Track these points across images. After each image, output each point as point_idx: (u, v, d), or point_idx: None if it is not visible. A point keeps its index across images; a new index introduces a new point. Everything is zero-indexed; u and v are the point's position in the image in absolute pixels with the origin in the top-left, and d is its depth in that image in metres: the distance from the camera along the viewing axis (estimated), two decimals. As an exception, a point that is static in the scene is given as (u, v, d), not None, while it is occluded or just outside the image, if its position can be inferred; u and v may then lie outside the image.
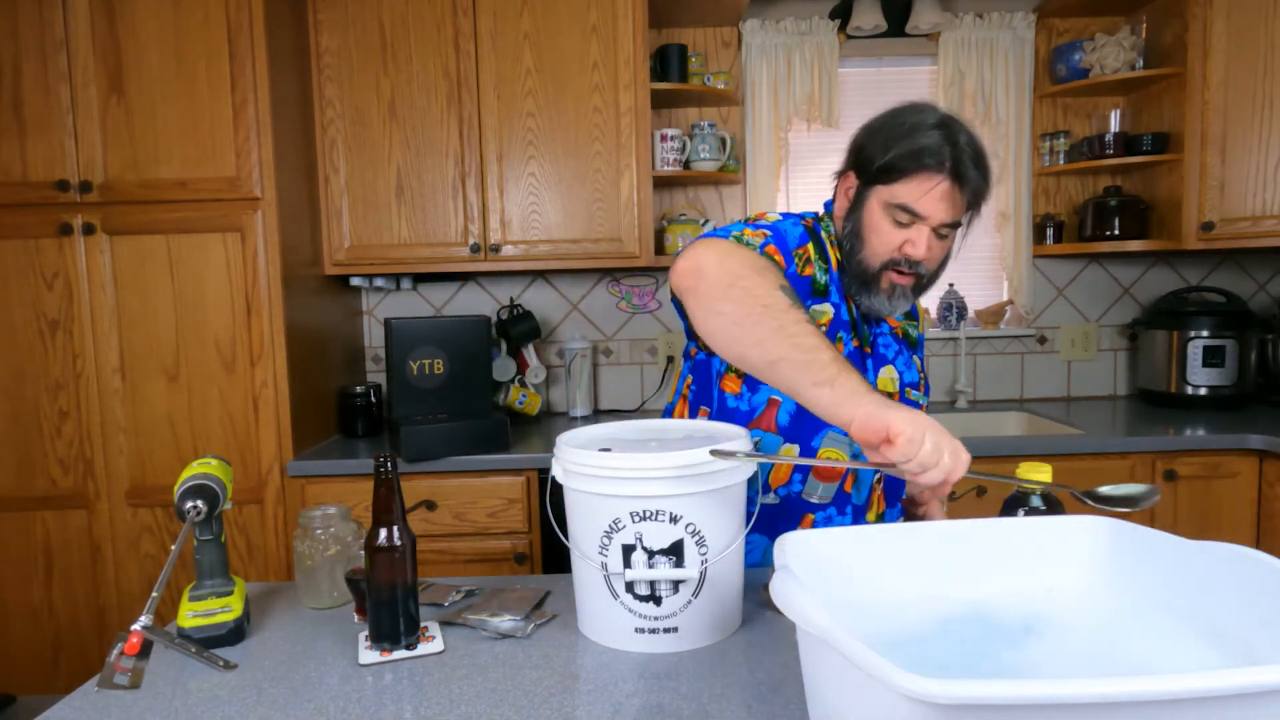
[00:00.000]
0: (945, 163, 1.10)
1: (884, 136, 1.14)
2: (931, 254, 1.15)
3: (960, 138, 1.11)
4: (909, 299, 1.19)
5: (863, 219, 1.17)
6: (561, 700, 0.86)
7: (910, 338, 1.32)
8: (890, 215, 1.14)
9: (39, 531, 2.15)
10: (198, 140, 2.07)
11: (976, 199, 1.14)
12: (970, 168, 1.11)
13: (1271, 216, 2.34)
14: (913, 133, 1.11)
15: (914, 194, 1.11)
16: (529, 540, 2.15)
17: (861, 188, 1.18)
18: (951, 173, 1.10)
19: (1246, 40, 2.30)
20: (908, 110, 1.16)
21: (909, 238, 1.14)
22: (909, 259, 1.15)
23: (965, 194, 1.12)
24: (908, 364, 1.30)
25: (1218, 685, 0.48)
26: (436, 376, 2.28)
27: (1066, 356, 2.81)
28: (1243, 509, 2.16)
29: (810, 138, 2.75)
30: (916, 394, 1.30)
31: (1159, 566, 0.77)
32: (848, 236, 1.20)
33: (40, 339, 2.11)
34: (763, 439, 1.21)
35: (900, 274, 1.16)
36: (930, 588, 0.81)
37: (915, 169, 1.11)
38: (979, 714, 0.49)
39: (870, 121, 1.19)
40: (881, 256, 1.16)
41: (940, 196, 1.11)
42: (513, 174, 2.37)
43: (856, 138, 1.20)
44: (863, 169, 1.17)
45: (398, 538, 0.98)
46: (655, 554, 0.95)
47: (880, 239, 1.15)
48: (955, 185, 1.11)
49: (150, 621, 0.85)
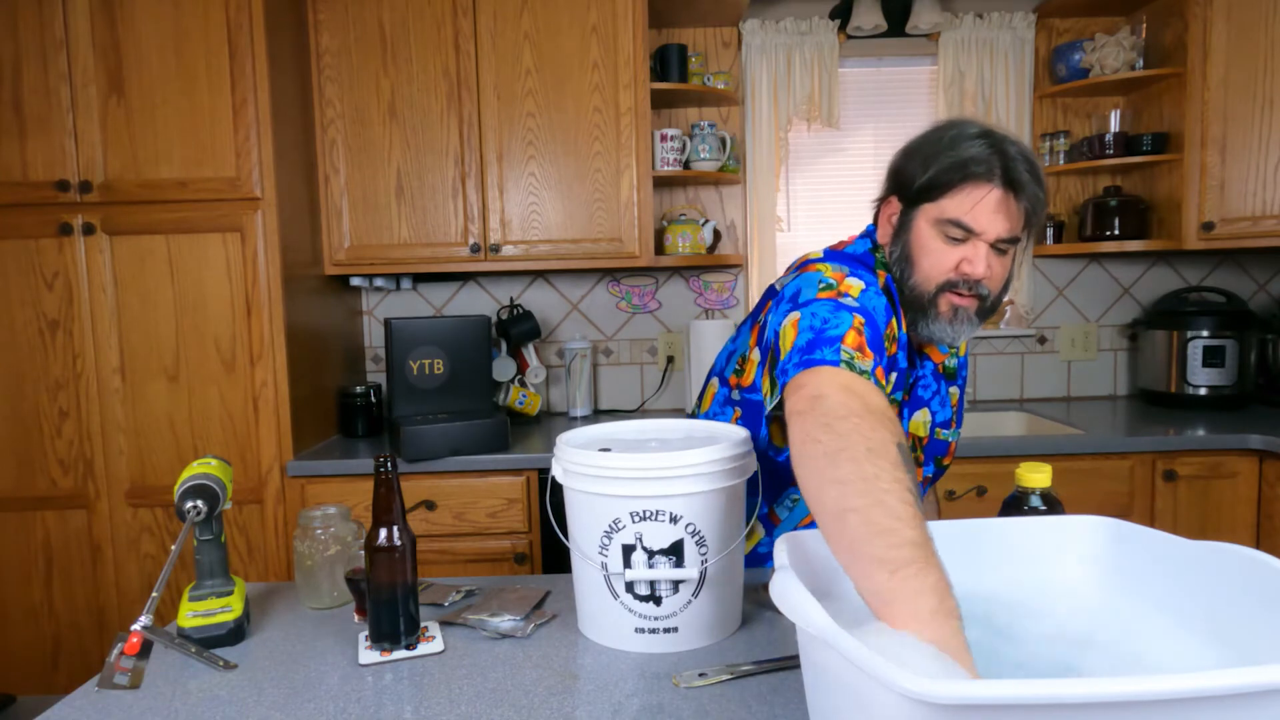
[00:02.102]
0: (995, 171, 1.03)
1: (924, 154, 1.08)
2: (992, 272, 1.07)
3: (1009, 147, 1.05)
4: (974, 323, 1.11)
5: (911, 241, 1.10)
6: (561, 700, 0.86)
7: (949, 370, 1.25)
8: (941, 233, 1.07)
9: (39, 531, 2.15)
10: (198, 140, 2.07)
11: (1034, 209, 1.06)
12: (1023, 174, 1.04)
13: (1271, 216, 2.34)
14: (955, 145, 1.05)
15: (964, 207, 1.05)
16: (529, 540, 2.15)
17: (906, 210, 1.11)
18: (1003, 181, 1.04)
19: (1246, 40, 2.30)
20: (945, 125, 1.10)
21: (965, 255, 1.06)
22: (967, 279, 1.07)
23: (1021, 204, 1.05)
24: (943, 402, 1.25)
25: (1218, 685, 0.48)
26: (436, 376, 2.28)
27: (1066, 356, 2.81)
28: (1243, 509, 2.16)
29: (810, 138, 2.75)
30: (947, 432, 1.25)
31: (1158, 566, 0.77)
32: (896, 262, 1.12)
33: (40, 339, 2.11)
34: (800, 497, 1.19)
35: (960, 296, 1.08)
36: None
37: (962, 180, 1.04)
38: (979, 714, 0.49)
39: (907, 144, 1.13)
40: (935, 279, 1.09)
41: (994, 208, 1.04)
42: (513, 174, 2.37)
43: (894, 162, 1.14)
44: (904, 190, 1.11)
45: (398, 538, 0.98)
46: (655, 554, 0.95)
47: (932, 260, 1.08)
48: (1009, 195, 1.04)
49: (150, 621, 0.85)
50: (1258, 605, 0.67)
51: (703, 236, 2.59)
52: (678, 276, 2.78)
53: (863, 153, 2.75)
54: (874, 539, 0.69)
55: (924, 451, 1.25)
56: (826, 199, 2.78)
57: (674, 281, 2.79)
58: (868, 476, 0.73)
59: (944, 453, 1.27)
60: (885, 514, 0.70)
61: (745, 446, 1.00)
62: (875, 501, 0.71)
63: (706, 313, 2.80)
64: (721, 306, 2.80)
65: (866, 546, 0.69)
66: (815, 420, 0.81)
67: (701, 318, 2.79)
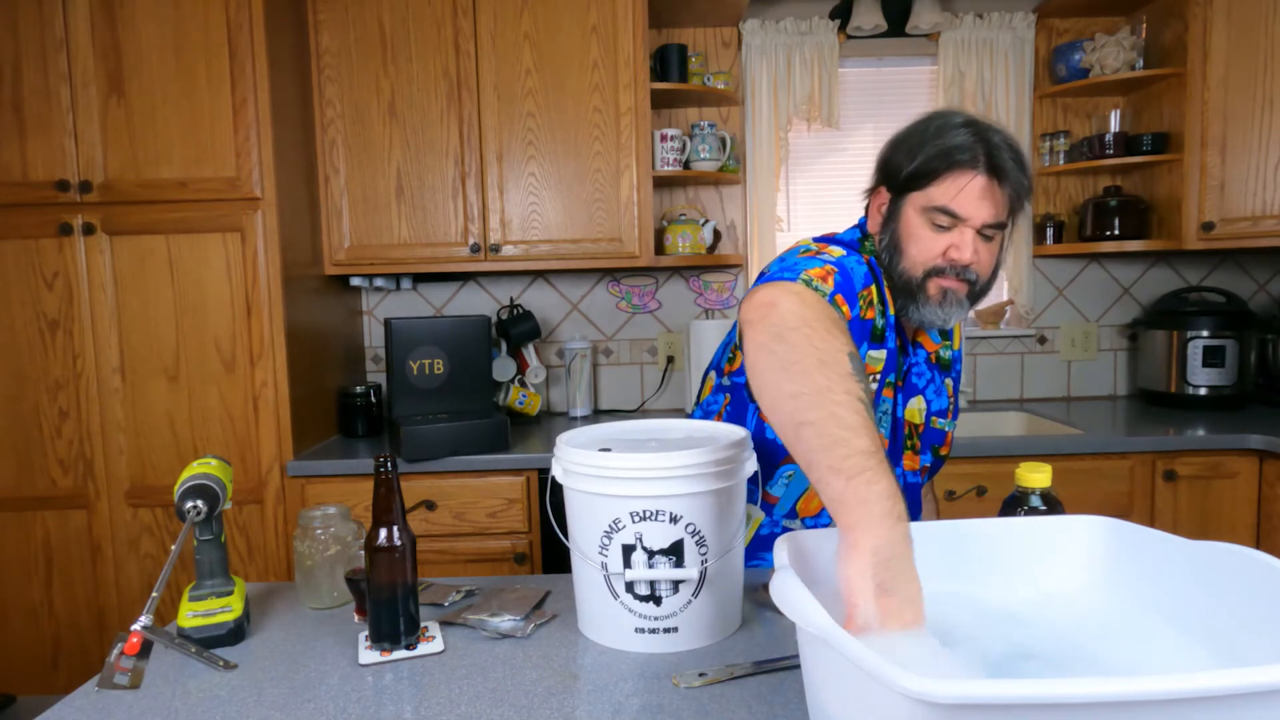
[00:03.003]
0: (979, 158, 1.06)
1: (910, 144, 1.11)
2: (980, 258, 1.10)
3: (993, 135, 1.07)
4: (964, 307, 1.13)
5: (899, 229, 1.13)
6: (561, 700, 0.86)
7: (944, 360, 1.27)
8: (928, 220, 1.10)
9: (39, 531, 2.15)
10: (198, 140, 2.07)
11: (1019, 195, 1.09)
12: (1007, 161, 1.07)
13: (1271, 216, 2.34)
14: (940, 134, 1.08)
15: (950, 193, 1.07)
16: (529, 540, 2.15)
17: (894, 199, 1.14)
18: (987, 168, 1.06)
19: (1246, 40, 2.30)
20: (932, 116, 1.12)
21: (952, 241, 1.09)
22: (955, 264, 1.09)
23: (1006, 190, 1.08)
24: (938, 390, 1.26)
25: (1217, 685, 0.48)
26: (436, 376, 2.28)
27: (1066, 356, 2.81)
28: (1243, 509, 2.16)
29: (810, 138, 2.75)
30: (943, 421, 1.27)
31: (1158, 566, 0.77)
32: (885, 249, 1.15)
33: (40, 339, 2.11)
34: (795, 473, 1.20)
35: (948, 280, 1.11)
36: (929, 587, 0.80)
37: (948, 168, 1.07)
38: (979, 714, 0.49)
39: (894, 135, 1.16)
40: (923, 264, 1.11)
41: (979, 194, 1.07)
42: (513, 174, 2.37)
43: (882, 153, 1.17)
44: (892, 180, 1.14)
45: (398, 538, 0.98)
46: (655, 554, 0.95)
47: (920, 246, 1.11)
48: (993, 181, 1.07)
49: (150, 621, 0.85)
50: (1258, 605, 0.67)
51: (703, 236, 2.59)
52: (678, 276, 2.78)
53: (863, 153, 2.75)
54: (828, 450, 0.73)
55: (920, 439, 1.26)
56: (826, 199, 2.78)
57: (674, 281, 2.79)
58: (820, 389, 0.76)
59: (941, 441, 1.28)
60: (838, 425, 0.74)
61: (745, 446, 1.00)
62: (829, 414, 0.74)
63: (706, 313, 2.80)
64: (721, 306, 2.80)
65: (822, 456, 0.73)
66: (767, 329, 0.84)
67: (701, 318, 2.79)
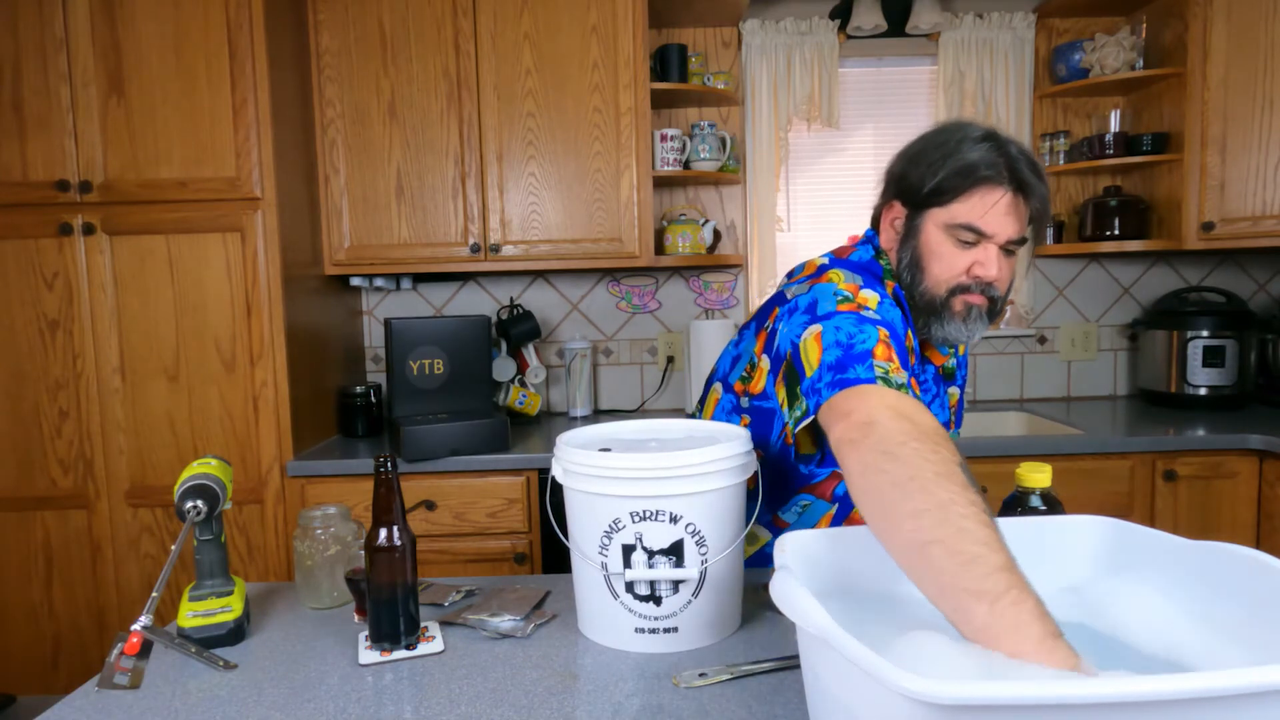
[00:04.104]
0: (1004, 173, 1.05)
1: (929, 159, 1.09)
2: (1002, 274, 1.09)
3: (1010, 148, 1.07)
4: (985, 322, 1.12)
5: (920, 246, 1.11)
6: (561, 700, 0.86)
7: (948, 370, 1.25)
8: (953, 237, 1.08)
9: (39, 531, 2.15)
10: (198, 140, 2.07)
11: (1042, 208, 1.08)
12: (1030, 175, 1.06)
13: (1271, 216, 2.34)
14: (960, 149, 1.06)
15: (976, 211, 1.06)
16: (529, 540, 2.15)
17: (912, 215, 1.12)
18: (1012, 183, 1.05)
19: (1246, 40, 2.30)
20: (947, 129, 1.11)
21: (977, 259, 1.08)
22: (979, 281, 1.08)
23: (1030, 205, 1.07)
24: (942, 404, 1.25)
25: (1218, 685, 0.48)
26: (436, 376, 2.28)
27: (1066, 356, 2.81)
28: (1243, 509, 2.16)
29: (810, 138, 2.75)
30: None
31: (1159, 566, 0.77)
32: (905, 268, 1.13)
33: (40, 339, 2.11)
34: (812, 503, 1.19)
35: (972, 295, 1.10)
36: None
37: (972, 185, 1.06)
38: (979, 714, 0.49)
39: (906, 148, 1.14)
40: (947, 282, 1.10)
41: (1005, 210, 1.06)
42: (513, 174, 2.37)
43: (893, 167, 1.15)
44: (909, 196, 1.12)
45: (398, 538, 0.98)
46: (655, 554, 0.95)
47: (943, 264, 1.09)
48: (1018, 196, 1.06)
49: (150, 621, 0.85)
50: (1258, 605, 0.67)
51: (703, 236, 2.59)
52: (678, 276, 2.78)
53: (863, 153, 2.75)
54: (964, 571, 0.66)
55: None
56: (826, 199, 2.78)
57: (674, 281, 2.79)
58: (943, 503, 0.70)
59: None
60: (969, 541, 0.67)
61: (745, 446, 1.00)
62: (956, 530, 0.68)
63: (706, 313, 2.80)
64: (721, 306, 2.80)
65: (958, 580, 0.66)
66: (873, 449, 0.79)
67: (701, 318, 2.79)
